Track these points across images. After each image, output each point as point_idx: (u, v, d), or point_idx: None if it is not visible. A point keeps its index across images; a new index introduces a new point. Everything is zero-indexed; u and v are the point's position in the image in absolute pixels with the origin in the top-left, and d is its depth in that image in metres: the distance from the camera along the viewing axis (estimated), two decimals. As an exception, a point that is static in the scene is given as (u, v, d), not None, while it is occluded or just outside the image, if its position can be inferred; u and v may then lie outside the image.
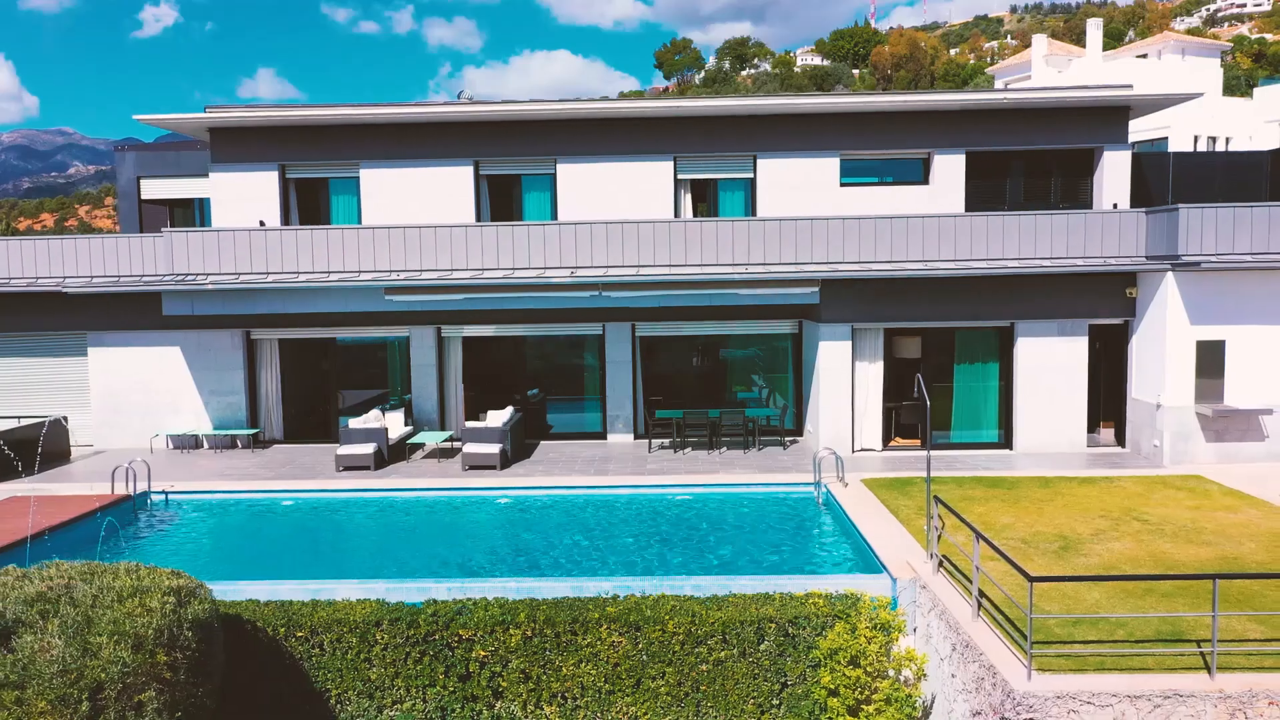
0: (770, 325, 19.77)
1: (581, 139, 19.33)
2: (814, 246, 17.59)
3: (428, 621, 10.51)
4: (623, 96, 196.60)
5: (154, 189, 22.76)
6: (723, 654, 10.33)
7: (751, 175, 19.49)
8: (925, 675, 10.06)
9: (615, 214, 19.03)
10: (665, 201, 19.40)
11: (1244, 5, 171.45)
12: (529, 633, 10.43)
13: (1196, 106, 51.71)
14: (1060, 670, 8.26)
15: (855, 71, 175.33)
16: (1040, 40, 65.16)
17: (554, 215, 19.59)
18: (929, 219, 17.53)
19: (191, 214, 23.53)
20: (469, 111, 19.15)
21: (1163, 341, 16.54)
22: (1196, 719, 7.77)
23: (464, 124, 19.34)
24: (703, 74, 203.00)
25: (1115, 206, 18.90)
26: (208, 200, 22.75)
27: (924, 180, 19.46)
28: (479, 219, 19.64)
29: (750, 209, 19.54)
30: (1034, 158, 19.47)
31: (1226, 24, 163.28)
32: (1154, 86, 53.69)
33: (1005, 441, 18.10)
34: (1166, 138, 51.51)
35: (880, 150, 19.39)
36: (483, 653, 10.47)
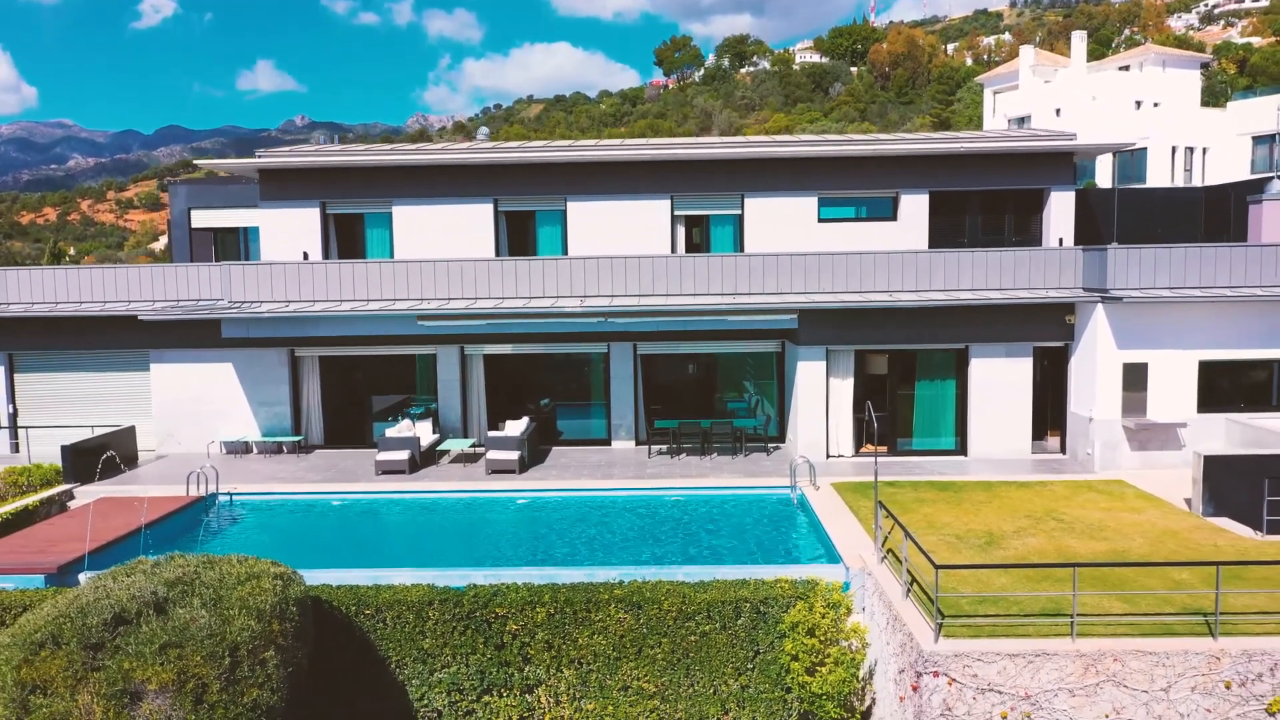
0: (756, 345, 22.26)
1: (588, 180, 21.80)
2: (793, 279, 20.10)
3: (470, 602, 13.05)
4: (624, 95, 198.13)
5: (203, 219, 25.30)
6: (708, 628, 12.87)
7: (740, 212, 21.97)
8: (868, 644, 12.60)
9: (619, 246, 21.54)
10: (663, 235, 21.89)
11: (1242, 1, 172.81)
12: (551, 611, 12.96)
13: (1174, 118, 54.19)
14: (961, 636, 10.80)
15: (854, 69, 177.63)
16: (1028, 51, 67.35)
17: (565, 247, 22.08)
18: (894, 255, 20.04)
19: (235, 241, 26.07)
20: (489, 156, 21.61)
21: (1094, 363, 19.06)
22: (1059, 670, 10.32)
23: (485, 166, 21.81)
24: (702, 71, 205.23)
25: (1061, 242, 21.39)
26: (250, 229, 25.36)
27: (893, 216, 21.94)
28: (498, 250, 22.14)
29: (739, 242, 22.02)
30: (990, 197, 21.95)
31: (1222, 22, 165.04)
32: (1135, 97, 55.93)
33: (961, 449, 20.61)
34: (1146, 148, 54.02)
35: (854, 190, 21.88)
36: (514, 627, 13.01)
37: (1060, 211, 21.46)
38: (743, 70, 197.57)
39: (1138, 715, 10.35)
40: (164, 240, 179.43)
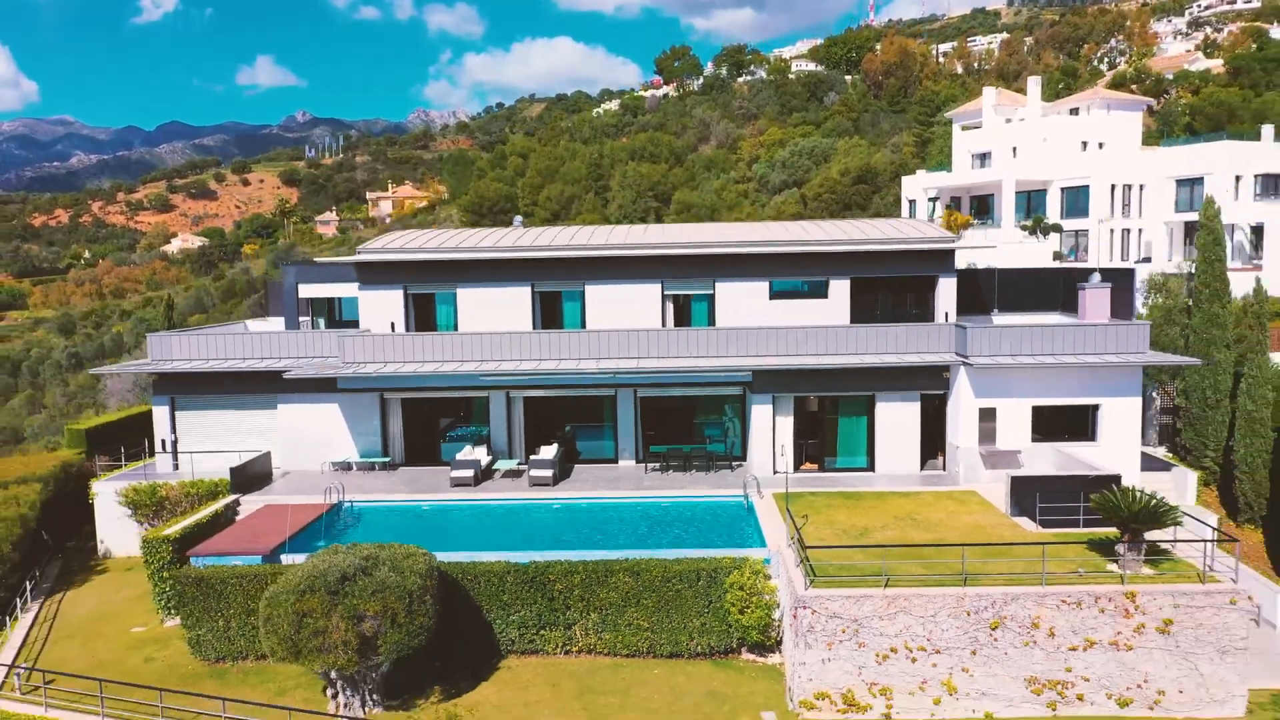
0: (724, 390, 30.16)
1: (602, 269, 29.67)
2: (749, 346, 27.99)
3: (532, 571, 21.00)
4: (624, 104, 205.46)
5: (307, 291, 33.32)
6: (680, 587, 20.78)
7: (712, 293, 29.85)
8: (778, 597, 20.54)
9: (625, 318, 29.44)
10: (656, 310, 29.77)
11: (1234, 1, 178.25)
12: (583, 576, 20.89)
13: (1115, 158, 61.90)
14: (822, 587, 18.71)
15: (848, 78, 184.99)
16: (990, 92, 74.73)
17: (583, 319, 29.96)
18: (820, 329, 27.93)
19: (324, 306, 34.07)
20: (528, 254, 29.47)
21: (959, 406, 26.94)
22: (874, 605, 18.24)
23: (524, 260, 29.70)
24: (701, 80, 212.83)
25: (946, 316, 29.25)
26: (340, 299, 33.37)
27: (825, 295, 29.77)
28: (534, 321, 30.05)
29: (711, 316, 29.89)
30: (895, 281, 29.77)
31: (1209, 28, 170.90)
32: (1082, 138, 63.72)
33: (870, 466, 28.47)
34: (1088, 185, 61.79)
35: (795, 276, 29.72)
36: (560, 587, 20.96)
37: (945, 293, 29.32)
38: (740, 79, 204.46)
39: (918, 631, 18.29)
40: (176, 243, 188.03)
